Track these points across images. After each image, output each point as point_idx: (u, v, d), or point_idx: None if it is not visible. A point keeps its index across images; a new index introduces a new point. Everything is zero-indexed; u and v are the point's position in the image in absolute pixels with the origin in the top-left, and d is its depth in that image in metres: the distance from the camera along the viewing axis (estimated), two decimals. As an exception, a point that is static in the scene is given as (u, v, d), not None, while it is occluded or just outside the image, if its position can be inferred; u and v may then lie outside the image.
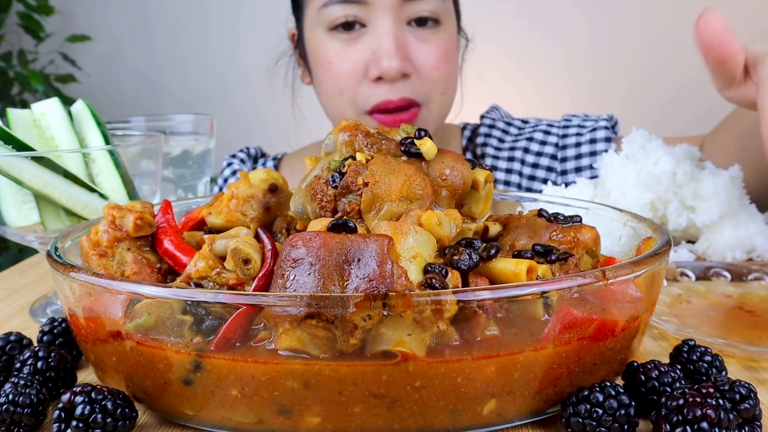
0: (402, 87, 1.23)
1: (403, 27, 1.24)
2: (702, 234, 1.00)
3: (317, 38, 1.28)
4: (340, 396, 0.49)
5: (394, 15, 1.22)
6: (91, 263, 0.64)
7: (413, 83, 1.24)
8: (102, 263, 0.64)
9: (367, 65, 1.23)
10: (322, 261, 0.50)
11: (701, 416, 0.47)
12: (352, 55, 1.24)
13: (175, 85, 3.19)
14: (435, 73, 1.26)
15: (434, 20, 1.25)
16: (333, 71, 1.26)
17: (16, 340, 0.64)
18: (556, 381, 0.53)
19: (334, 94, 1.28)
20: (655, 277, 0.58)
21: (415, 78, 1.24)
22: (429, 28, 1.26)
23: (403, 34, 1.23)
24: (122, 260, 0.64)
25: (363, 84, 1.24)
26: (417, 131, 0.64)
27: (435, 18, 1.25)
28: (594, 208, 0.77)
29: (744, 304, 0.78)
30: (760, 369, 0.65)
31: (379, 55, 1.21)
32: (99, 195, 0.81)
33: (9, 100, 2.93)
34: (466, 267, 0.55)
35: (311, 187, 0.63)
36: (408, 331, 0.49)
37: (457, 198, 0.64)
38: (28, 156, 0.77)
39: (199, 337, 0.51)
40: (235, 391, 0.50)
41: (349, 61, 1.24)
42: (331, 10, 1.24)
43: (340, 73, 1.25)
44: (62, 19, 3.09)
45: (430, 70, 1.25)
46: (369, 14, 1.23)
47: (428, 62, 1.25)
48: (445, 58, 1.27)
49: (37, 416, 0.53)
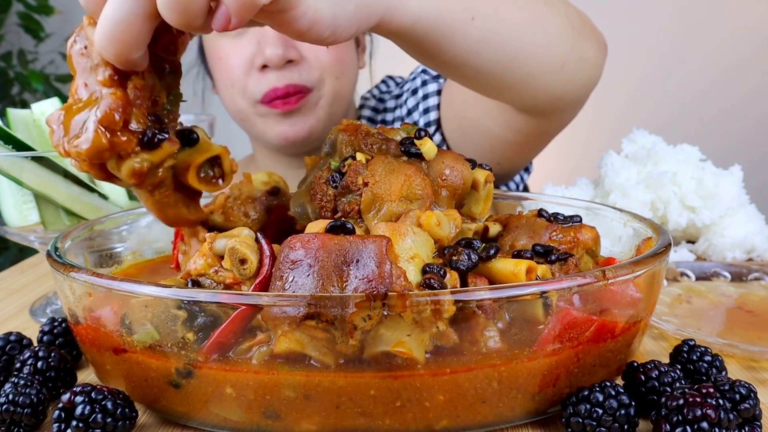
0: (288, 74, 1.25)
1: None
2: (702, 234, 1.00)
3: (209, 39, 1.32)
4: (338, 409, 0.49)
5: None
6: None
7: (301, 69, 1.25)
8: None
9: (254, 56, 1.25)
10: (320, 262, 0.50)
11: (701, 416, 0.47)
12: (240, 49, 1.26)
13: (175, 85, 3.19)
14: (324, 57, 1.27)
15: None
16: (224, 66, 1.29)
17: (16, 340, 0.64)
18: (556, 381, 0.53)
19: (227, 86, 1.31)
20: (655, 277, 0.58)
21: (302, 64, 1.26)
22: None
23: None
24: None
25: (252, 75, 1.26)
26: (417, 131, 0.64)
27: None
28: (594, 208, 0.77)
29: (744, 304, 0.78)
30: (760, 369, 0.65)
31: (263, 45, 1.23)
32: (99, 195, 0.81)
33: (9, 100, 2.93)
34: (465, 267, 0.55)
35: (311, 187, 0.64)
36: (407, 332, 0.49)
37: (457, 198, 0.64)
38: (28, 156, 0.77)
39: (191, 333, 0.51)
40: (229, 389, 0.51)
41: (237, 54, 1.27)
42: None
43: (230, 66, 1.28)
44: (62, 19, 3.09)
45: (318, 55, 1.26)
46: None
47: (314, 47, 1.25)
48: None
49: (37, 416, 0.53)
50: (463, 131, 1.23)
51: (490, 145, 1.19)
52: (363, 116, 1.47)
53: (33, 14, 2.94)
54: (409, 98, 1.36)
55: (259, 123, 1.30)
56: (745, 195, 1.02)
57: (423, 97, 1.32)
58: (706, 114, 2.85)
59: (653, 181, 0.99)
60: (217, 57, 1.30)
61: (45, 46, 3.04)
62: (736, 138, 2.73)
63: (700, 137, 1.47)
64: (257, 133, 1.33)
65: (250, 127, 1.34)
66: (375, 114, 1.47)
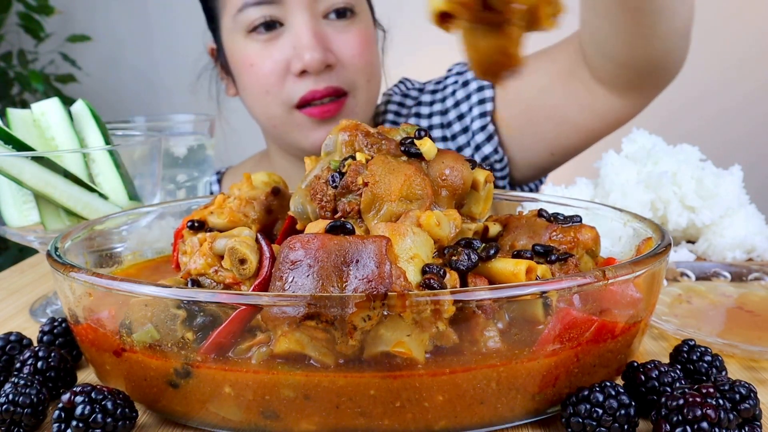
0: (327, 77, 1.25)
1: (320, 21, 1.26)
2: (702, 234, 1.00)
3: (236, 43, 1.29)
4: (337, 409, 0.49)
5: (309, 10, 1.24)
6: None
7: (338, 73, 1.26)
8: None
9: (289, 62, 1.25)
10: (320, 263, 0.50)
11: (701, 416, 0.47)
12: (273, 54, 1.25)
13: (176, 86, 3.19)
14: (358, 61, 1.28)
15: (350, 11, 1.28)
16: (255, 72, 1.28)
17: (16, 340, 0.64)
18: (556, 381, 0.53)
19: (260, 94, 1.29)
20: (655, 277, 0.58)
21: (339, 68, 1.26)
22: (346, 19, 1.27)
23: (321, 27, 1.25)
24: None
25: (287, 80, 1.26)
26: (417, 131, 0.64)
27: (350, 9, 1.28)
28: (594, 208, 0.77)
29: (744, 304, 0.78)
30: (760, 369, 0.65)
31: (300, 50, 1.22)
32: (99, 195, 0.81)
33: (9, 100, 2.93)
34: (464, 267, 0.55)
35: (311, 187, 0.64)
36: (407, 332, 0.49)
37: (457, 198, 0.64)
38: (28, 156, 0.77)
39: (190, 333, 0.51)
40: (228, 389, 0.51)
41: (270, 59, 1.26)
42: (248, 14, 1.25)
43: (263, 72, 1.27)
44: (62, 19, 3.09)
45: (353, 59, 1.27)
46: (285, 13, 1.24)
47: (350, 51, 1.27)
48: (366, 46, 1.29)
49: (37, 416, 0.53)
50: (530, 119, 1.24)
51: (557, 132, 1.23)
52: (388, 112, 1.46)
53: (33, 14, 2.94)
54: (459, 90, 1.35)
55: (294, 131, 1.29)
56: (745, 195, 1.02)
57: (478, 89, 1.32)
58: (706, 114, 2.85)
59: (653, 181, 0.99)
60: (248, 64, 1.28)
61: (45, 46, 3.04)
62: (736, 138, 2.73)
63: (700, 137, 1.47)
64: (291, 140, 1.32)
65: (282, 134, 1.33)
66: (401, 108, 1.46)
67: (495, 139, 1.30)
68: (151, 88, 3.22)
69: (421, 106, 1.42)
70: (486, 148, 1.31)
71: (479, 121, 1.30)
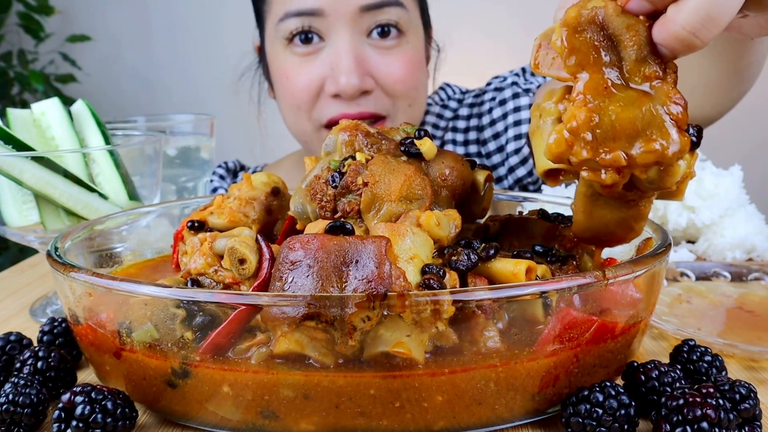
0: (363, 102, 1.18)
1: (363, 40, 1.19)
2: (702, 234, 1.00)
3: (276, 53, 1.25)
4: (337, 409, 0.49)
5: (352, 26, 1.17)
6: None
7: (376, 98, 1.19)
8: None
9: (324, 80, 1.19)
10: (320, 263, 0.50)
11: (701, 416, 0.47)
12: (310, 70, 1.20)
13: (175, 85, 3.19)
14: (399, 87, 1.20)
15: (397, 30, 1.20)
16: (290, 86, 1.23)
17: (16, 340, 0.64)
18: (555, 381, 0.53)
19: (292, 108, 1.25)
20: (655, 277, 0.58)
21: (377, 93, 1.20)
22: (392, 39, 1.20)
23: (362, 48, 1.18)
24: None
25: (321, 99, 1.20)
26: (417, 131, 0.64)
27: (397, 26, 1.20)
28: (594, 208, 0.77)
29: (744, 304, 0.78)
30: (760, 369, 0.65)
31: (337, 72, 1.16)
32: (99, 195, 0.81)
33: (9, 100, 2.93)
34: (464, 267, 0.55)
35: (311, 186, 0.64)
36: (407, 332, 0.49)
37: (457, 198, 0.64)
38: (28, 156, 0.77)
39: (190, 332, 0.51)
40: (227, 389, 0.51)
41: (306, 76, 1.20)
42: (288, 23, 1.19)
43: (297, 87, 1.21)
44: (62, 19, 3.09)
45: (395, 84, 1.20)
46: (327, 26, 1.18)
47: (391, 77, 1.19)
48: (410, 71, 1.22)
49: (37, 416, 0.53)
50: None
51: None
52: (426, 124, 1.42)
53: (33, 14, 2.94)
54: (495, 108, 1.31)
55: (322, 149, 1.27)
56: (745, 195, 1.02)
57: (514, 109, 1.28)
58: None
59: (653, 181, 0.99)
60: (284, 76, 1.23)
61: (45, 46, 3.04)
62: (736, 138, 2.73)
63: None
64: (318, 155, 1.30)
65: (311, 149, 1.28)
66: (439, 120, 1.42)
67: (529, 162, 1.26)
68: (151, 88, 3.22)
69: (459, 120, 1.38)
70: (520, 170, 1.28)
71: (514, 143, 1.27)
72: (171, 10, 3.14)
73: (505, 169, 1.31)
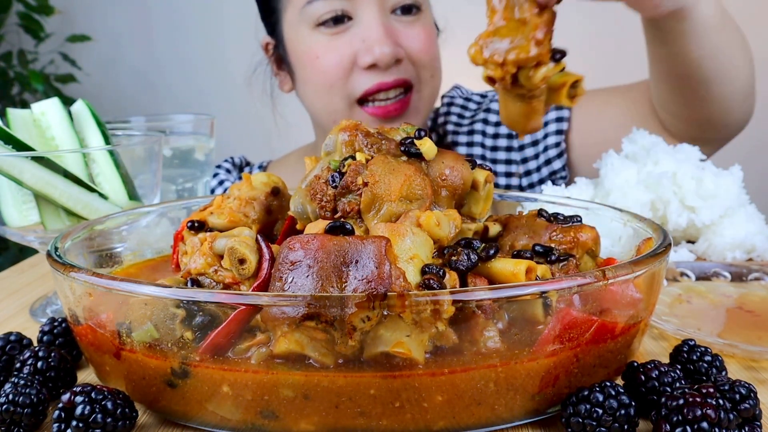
0: (396, 71, 1.26)
1: (389, 15, 1.28)
2: (702, 234, 1.00)
3: (301, 37, 1.30)
4: (337, 409, 0.49)
5: (378, 5, 1.26)
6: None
7: (405, 67, 1.27)
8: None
9: (355, 55, 1.25)
10: (320, 263, 0.50)
11: (701, 416, 0.47)
12: (340, 47, 1.26)
13: (176, 85, 3.19)
14: (424, 56, 1.29)
15: (416, 7, 1.30)
16: (320, 65, 1.28)
17: (16, 340, 0.64)
18: (555, 381, 0.53)
19: (324, 87, 1.29)
20: (655, 277, 0.58)
21: (405, 62, 1.28)
22: (412, 15, 1.30)
23: (389, 22, 1.27)
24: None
25: (354, 73, 1.26)
26: (417, 131, 0.64)
27: (416, 5, 1.30)
28: (594, 208, 0.77)
29: (744, 304, 0.78)
30: (760, 369, 0.65)
31: (371, 43, 1.23)
32: (99, 195, 0.81)
33: (9, 100, 2.93)
34: (464, 267, 0.55)
35: (311, 186, 0.64)
36: (407, 332, 0.49)
37: (457, 198, 0.64)
38: (28, 156, 0.77)
39: (189, 332, 0.51)
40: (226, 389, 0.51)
41: (336, 52, 1.26)
42: (316, 7, 1.26)
43: (329, 65, 1.27)
44: (62, 19, 3.09)
45: (420, 53, 1.29)
46: (354, 7, 1.26)
47: (417, 45, 1.28)
48: (430, 42, 1.32)
49: (37, 416, 0.53)
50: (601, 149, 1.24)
51: None
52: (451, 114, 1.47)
53: (33, 14, 2.94)
54: None
55: None
56: (745, 195, 1.02)
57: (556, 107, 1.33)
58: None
59: (653, 181, 0.99)
60: (314, 56, 1.29)
61: (45, 46, 3.05)
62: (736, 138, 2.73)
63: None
64: None
65: None
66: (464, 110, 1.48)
67: (564, 157, 1.33)
68: (151, 88, 3.22)
69: (490, 113, 1.43)
70: (556, 163, 1.34)
71: (554, 137, 1.32)
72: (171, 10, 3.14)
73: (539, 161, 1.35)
